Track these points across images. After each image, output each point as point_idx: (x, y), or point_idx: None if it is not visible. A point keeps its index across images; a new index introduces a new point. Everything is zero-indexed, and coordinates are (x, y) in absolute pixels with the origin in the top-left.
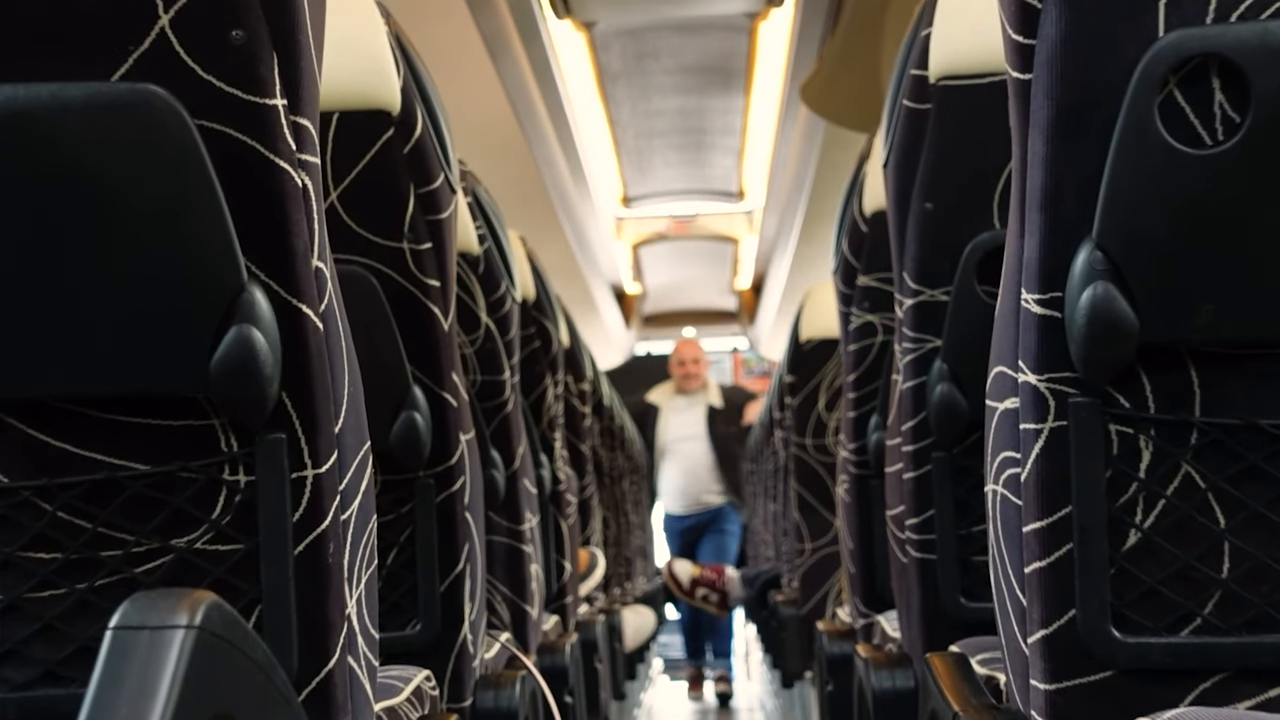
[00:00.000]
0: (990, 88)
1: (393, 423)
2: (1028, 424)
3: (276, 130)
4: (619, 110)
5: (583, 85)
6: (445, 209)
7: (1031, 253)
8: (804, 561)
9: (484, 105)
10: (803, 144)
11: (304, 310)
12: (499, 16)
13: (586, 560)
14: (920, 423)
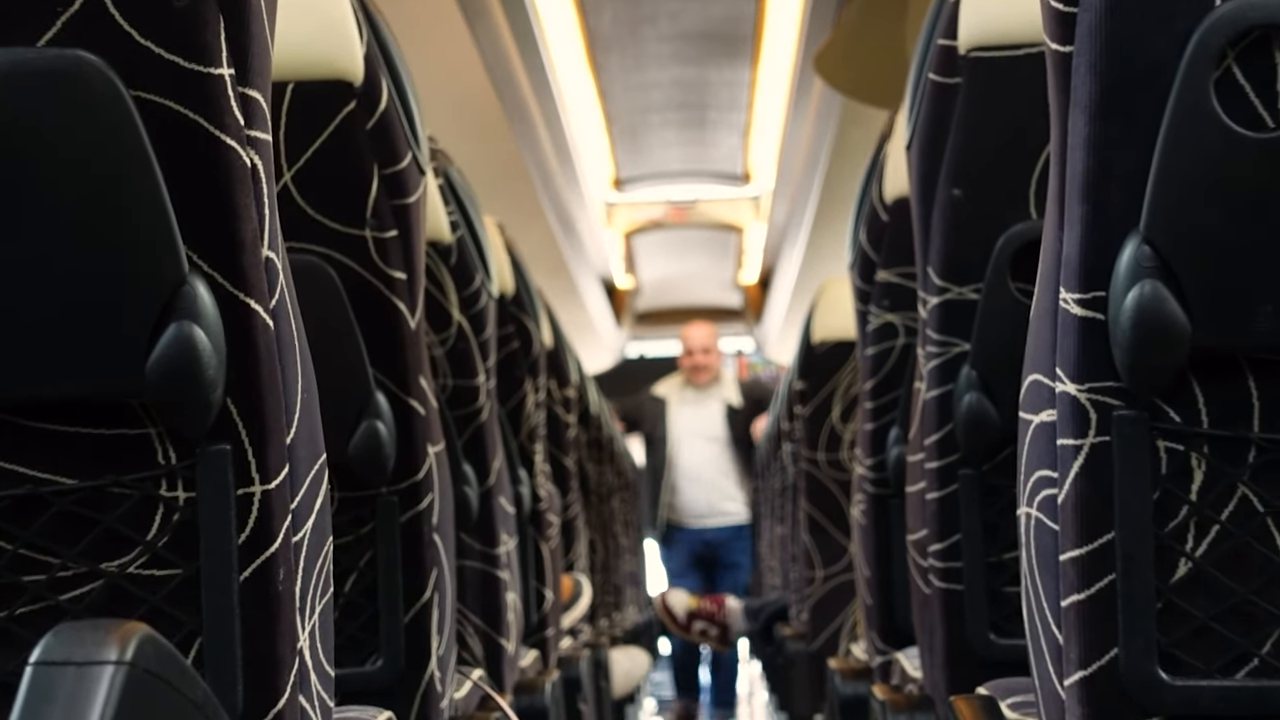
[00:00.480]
0: (1027, 60)
1: (352, 432)
2: (1066, 439)
3: (223, 103)
4: (610, 82)
5: (570, 53)
6: (413, 192)
7: (1071, 247)
8: (814, 591)
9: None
10: (817, 121)
11: (252, 305)
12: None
13: (570, 588)
14: (946, 436)
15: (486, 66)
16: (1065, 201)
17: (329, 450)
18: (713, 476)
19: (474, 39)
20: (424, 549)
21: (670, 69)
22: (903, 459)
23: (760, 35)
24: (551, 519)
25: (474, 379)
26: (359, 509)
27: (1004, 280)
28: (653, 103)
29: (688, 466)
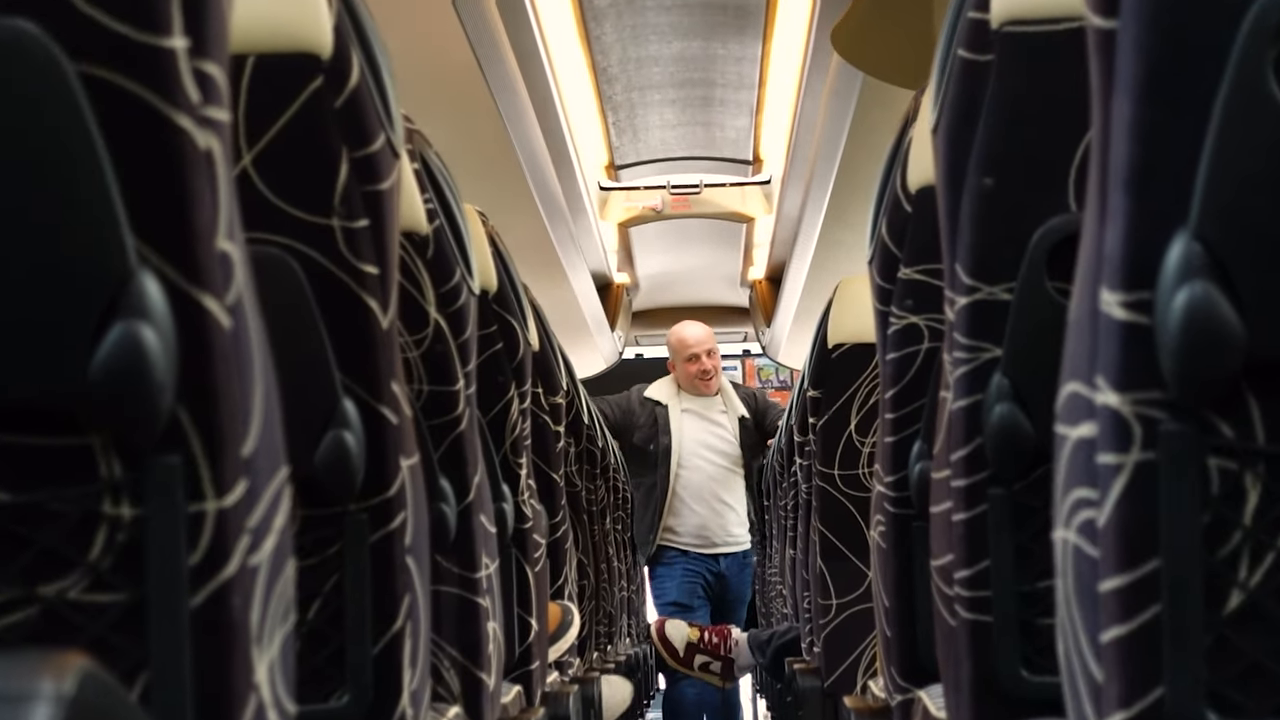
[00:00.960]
0: (1067, 36)
1: (317, 443)
2: (1107, 456)
3: (176, 78)
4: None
5: (560, 25)
6: (386, 177)
7: (1114, 243)
8: (829, 621)
9: (437, 48)
10: (834, 101)
11: (207, 302)
12: None
13: (557, 617)
14: (974, 451)
15: (469, 39)
16: (1108, 192)
17: (292, 463)
18: (723, 498)
19: (455, 8)
20: (396, 572)
21: (672, 43)
22: (926, 476)
23: (772, 5)
24: (537, 540)
25: (452, 385)
26: (324, 528)
27: (1040, 279)
28: (652, 80)
29: (697, 486)
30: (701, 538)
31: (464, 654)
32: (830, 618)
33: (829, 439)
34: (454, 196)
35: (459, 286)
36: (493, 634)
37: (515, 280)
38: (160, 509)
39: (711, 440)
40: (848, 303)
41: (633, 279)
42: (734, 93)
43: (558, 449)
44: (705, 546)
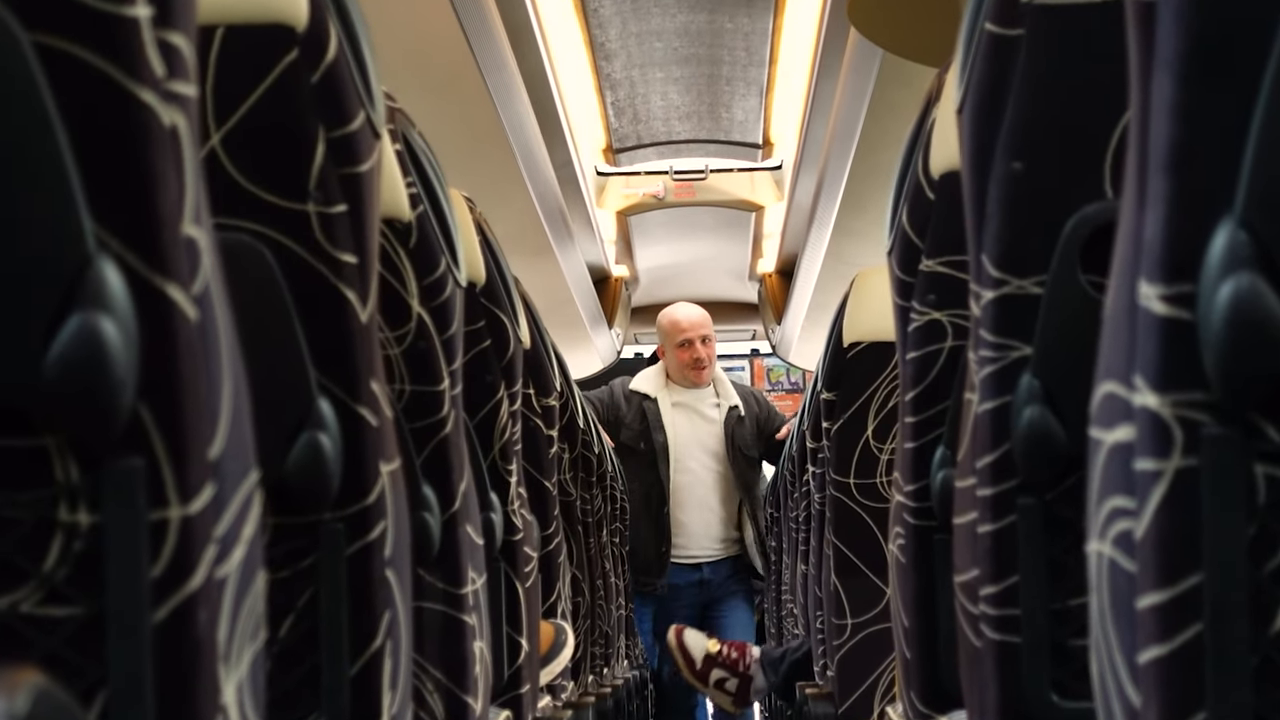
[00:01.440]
0: (1104, 8)
1: (290, 446)
2: (1145, 462)
3: (139, 50)
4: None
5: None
6: (365, 159)
7: (1154, 231)
8: (844, 642)
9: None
10: (850, 80)
11: (171, 292)
12: None
13: (550, 637)
14: (1002, 458)
15: (456, 11)
16: (1147, 177)
17: (262, 467)
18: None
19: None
20: (374, 587)
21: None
22: (950, 485)
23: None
24: (528, 553)
25: (436, 384)
26: (297, 538)
27: (1073, 271)
28: (654, 57)
29: (689, 491)
30: (696, 549)
31: (448, 676)
32: (845, 638)
33: (844, 445)
34: (439, 181)
35: (444, 278)
36: (479, 655)
37: (505, 272)
38: (120, 515)
39: (704, 439)
40: (865, 298)
41: (632, 272)
42: (743, 70)
43: (551, 455)
44: (692, 554)
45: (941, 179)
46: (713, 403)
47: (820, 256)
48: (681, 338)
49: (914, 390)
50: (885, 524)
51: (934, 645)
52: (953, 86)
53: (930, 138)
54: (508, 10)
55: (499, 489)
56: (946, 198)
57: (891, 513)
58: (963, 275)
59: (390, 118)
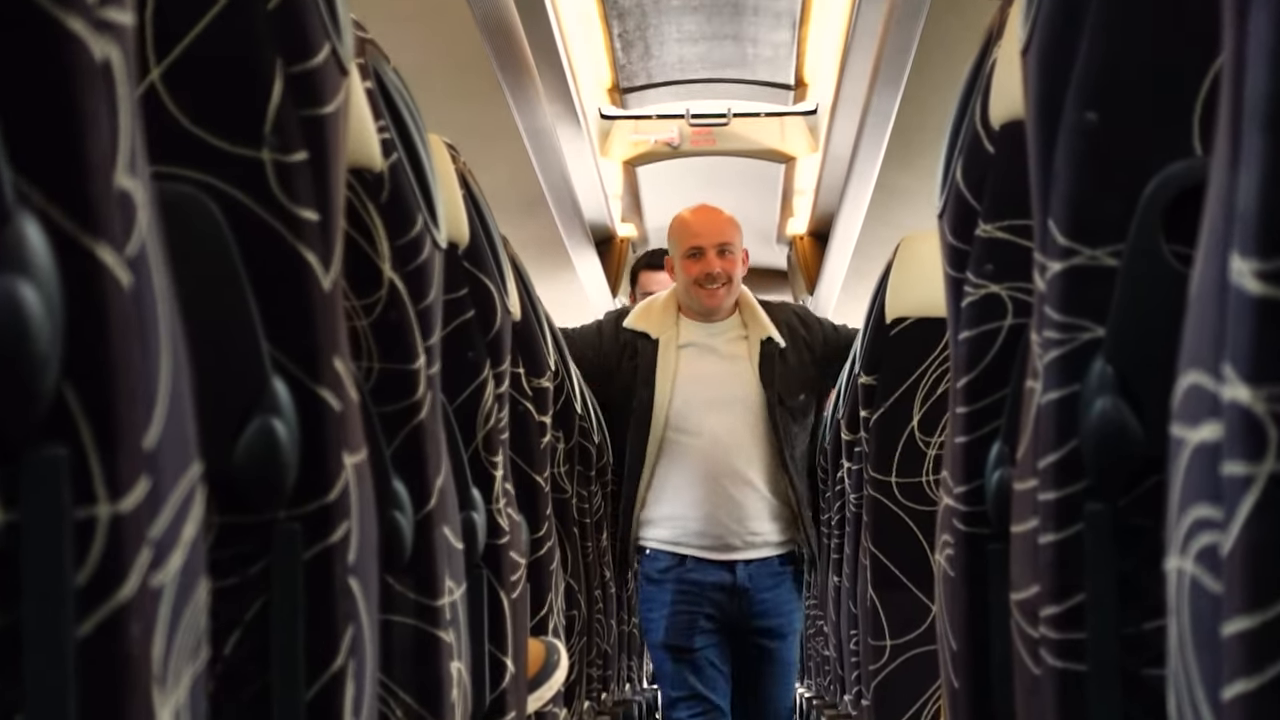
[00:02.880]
0: None
1: (239, 433)
2: (1235, 465)
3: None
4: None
5: None
6: (330, 99)
7: (1249, 196)
8: (881, 666)
9: None
10: (897, 10)
11: (101, 254)
12: None
13: (540, 656)
14: (1068, 457)
15: None
16: (1241, 133)
17: (206, 458)
18: (743, 472)
19: None
20: (336, 597)
21: None
22: (1007, 486)
23: None
24: (515, 559)
25: (410, 362)
26: (246, 540)
27: (1154, 240)
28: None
29: (700, 456)
30: (707, 535)
31: (420, 701)
32: (883, 662)
33: (885, 438)
34: (416, 125)
35: (420, 238)
36: (457, 676)
37: (492, 231)
38: (40, 513)
39: (726, 387)
40: (911, 266)
41: (640, 232)
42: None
43: (542, 445)
44: (712, 549)
45: (1003, 130)
46: (737, 335)
47: (860, 217)
48: (690, 245)
49: (967, 376)
50: (931, 530)
51: (986, 672)
52: (1017, 22)
53: (990, 81)
54: None
55: (482, 484)
56: (1008, 152)
57: (939, 517)
58: (1026, 242)
59: (360, 50)
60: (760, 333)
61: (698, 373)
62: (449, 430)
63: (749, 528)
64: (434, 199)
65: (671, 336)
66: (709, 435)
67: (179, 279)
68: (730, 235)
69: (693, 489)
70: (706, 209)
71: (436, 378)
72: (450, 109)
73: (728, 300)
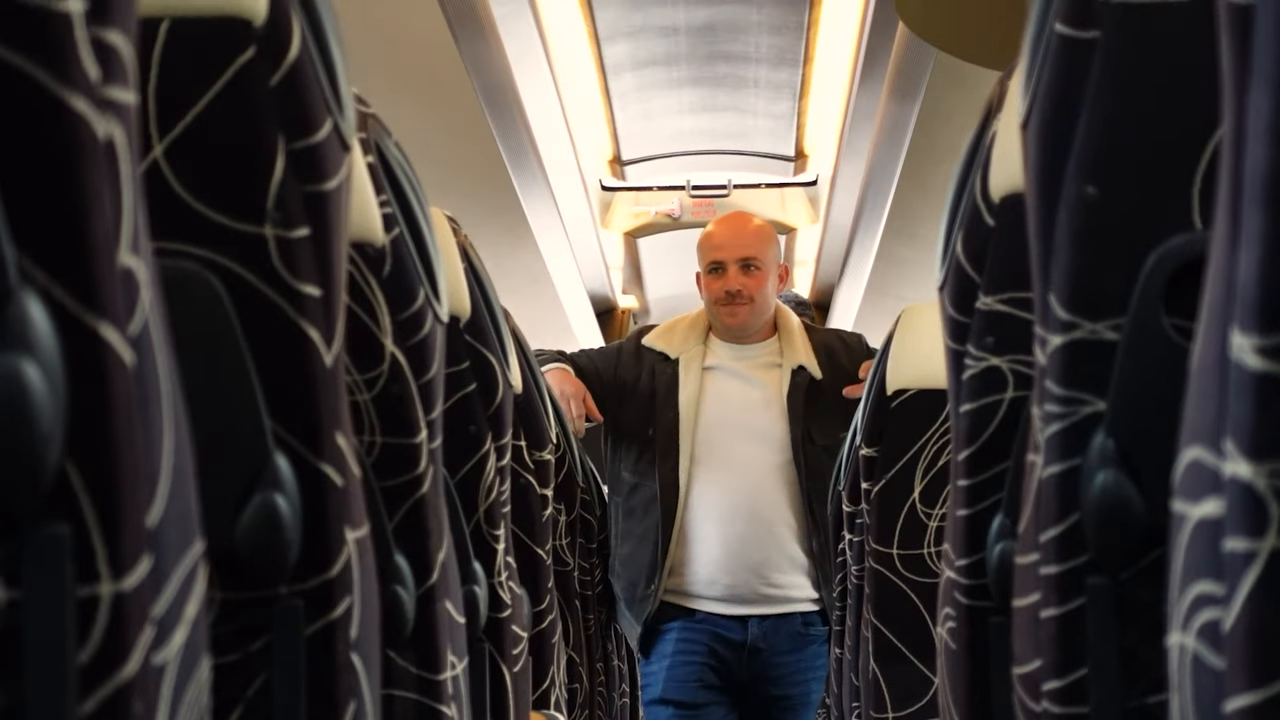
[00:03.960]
0: (1193, 8)
1: (241, 509)
2: (1237, 541)
3: (69, 50)
4: (609, 22)
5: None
6: (332, 175)
7: (1249, 272)
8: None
9: (400, 10)
10: (898, 84)
11: (104, 332)
12: None
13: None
14: (1070, 530)
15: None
16: (1240, 208)
17: (209, 534)
18: (768, 517)
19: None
20: (338, 673)
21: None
22: (1009, 559)
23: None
24: (517, 632)
25: (413, 436)
26: (248, 616)
27: (1155, 314)
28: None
29: (721, 497)
30: (718, 584)
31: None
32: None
33: (887, 510)
34: (418, 199)
35: (422, 312)
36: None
37: (494, 304)
38: (42, 591)
39: (750, 417)
40: (912, 338)
41: (641, 302)
42: (772, 71)
43: (544, 517)
44: (724, 600)
45: (1003, 202)
46: (769, 362)
47: (861, 288)
48: (711, 259)
49: (968, 448)
50: (933, 602)
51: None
52: (1016, 95)
53: (990, 154)
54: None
55: (484, 558)
56: (1008, 224)
57: (941, 590)
58: (1026, 315)
59: (362, 125)
60: (794, 359)
61: (722, 398)
62: (451, 504)
63: (767, 578)
64: (436, 273)
65: (695, 356)
66: (730, 470)
67: (182, 354)
68: (757, 248)
69: (708, 528)
70: (734, 218)
71: (438, 451)
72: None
73: (753, 320)
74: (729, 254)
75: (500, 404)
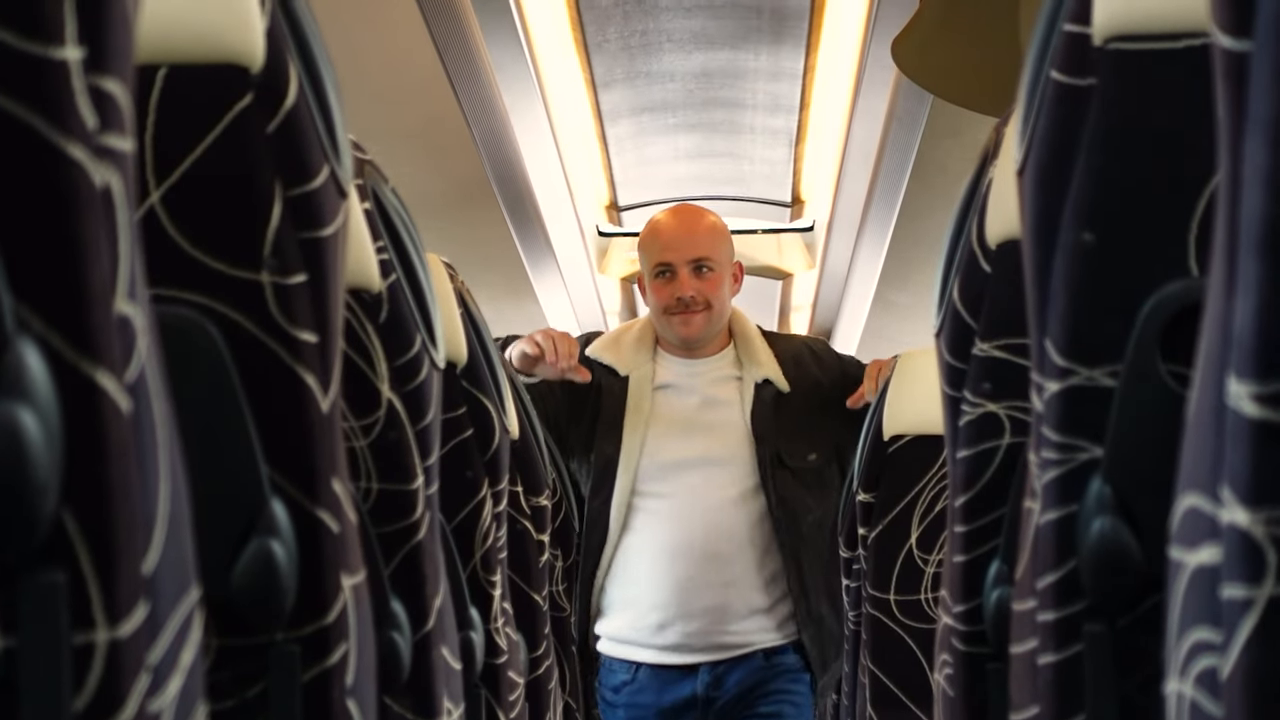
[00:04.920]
0: (1189, 56)
1: (237, 556)
2: (1234, 588)
3: (67, 98)
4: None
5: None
6: (329, 222)
7: (1245, 319)
8: None
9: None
10: (894, 130)
11: (101, 380)
12: None
13: None
14: (1067, 577)
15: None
16: (1237, 255)
17: (206, 582)
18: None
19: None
20: (334, 719)
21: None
22: (1006, 606)
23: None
24: (514, 678)
25: (409, 482)
26: (245, 662)
27: (1151, 361)
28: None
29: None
30: (667, 630)
31: None
32: None
33: (884, 555)
34: (415, 245)
35: (419, 358)
36: None
37: (490, 350)
38: (38, 639)
39: (707, 441)
40: (909, 384)
41: None
42: (768, 117)
43: (541, 563)
44: (672, 649)
45: (999, 249)
46: (726, 375)
47: (857, 334)
48: (657, 260)
49: (965, 495)
50: (930, 648)
51: None
52: (1012, 142)
53: (986, 200)
54: (496, 44)
55: (480, 604)
56: (1005, 271)
57: (938, 636)
58: (1023, 362)
59: (359, 171)
60: (756, 373)
61: (674, 421)
62: (447, 549)
63: (721, 624)
64: (432, 319)
65: (645, 375)
66: (681, 501)
67: (178, 400)
68: (709, 247)
69: (653, 568)
70: (683, 211)
71: (435, 497)
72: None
73: (708, 330)
74: (678, 254)
75: (497, 449)
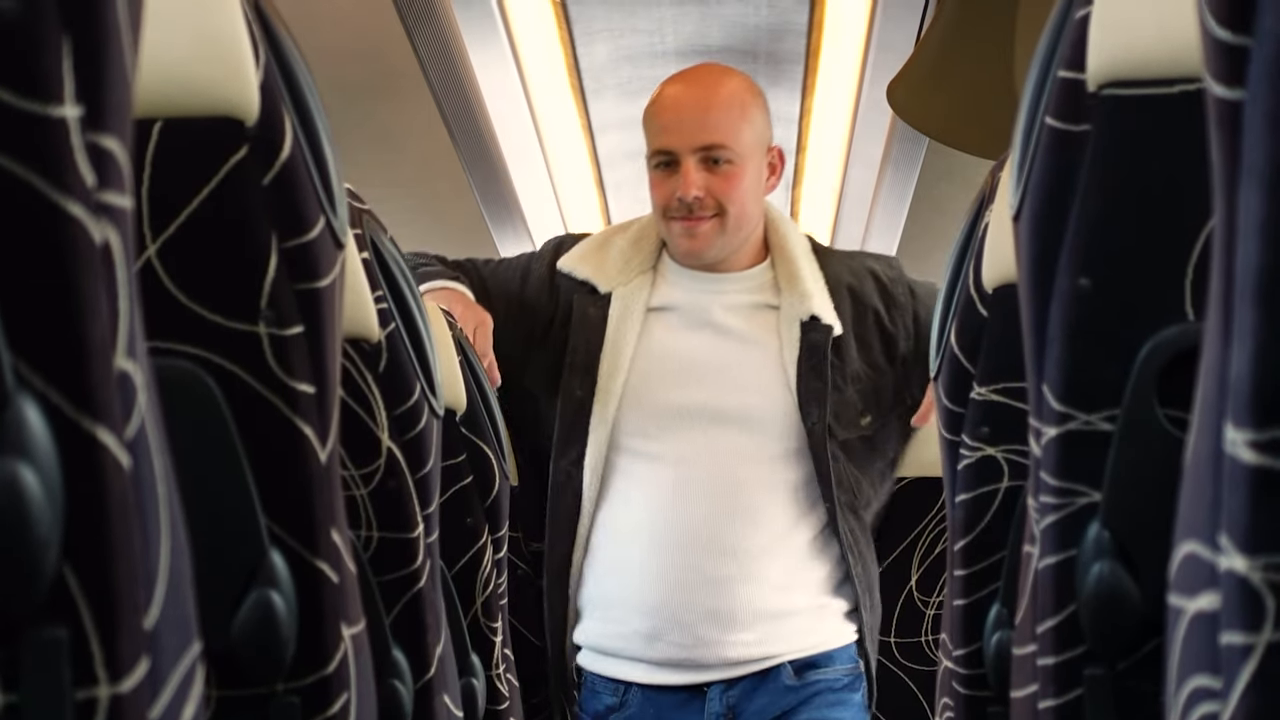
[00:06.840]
0: (1183, 102)
1: (237, 608)
2: (1233, 634)
3: (65, 156)
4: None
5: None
6: (326, 273)
7: (1242, 366)
8: None
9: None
10: (890, 174)
11: (101, 436)
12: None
13: None
14: (1066, 621)
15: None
16: (1232, 302)
17: (206, 634)
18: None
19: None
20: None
21: None
22: (1007, 650)
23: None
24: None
25: (409, 530)
26: (245, 714)
27: (1149, 406)
28: None
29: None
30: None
31: None
32: None
33: (884, 598)
34: (413, 294)
35: (418, 406)
36: None
37: (490, 398)
38: (40, 694)
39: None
40: None
41: None
42: None
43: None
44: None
45: (996, 293)
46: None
47: None
48: (656, 147)
49: (964, 539)
50: (931, 691)
51: None
52: (1008, 187)
53: (982, 245)
54: (496, 96)
55: (481, 650)
56: (1002, 315)
57: (939, 679)
58: (1021, 405)
59: (356, 221)
60: (800, 306)
61: (671, 356)
62: (448, 596)
63: (734, 634)
64: (431, 367)
65: (638, 290)
66: (680, 466)
67: (177, 453)
68: (725, 130)
69: (642, 556)
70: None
71: (435, 545)
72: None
73: (720, 243)
74: (682, 139)
75: (497, 496)
